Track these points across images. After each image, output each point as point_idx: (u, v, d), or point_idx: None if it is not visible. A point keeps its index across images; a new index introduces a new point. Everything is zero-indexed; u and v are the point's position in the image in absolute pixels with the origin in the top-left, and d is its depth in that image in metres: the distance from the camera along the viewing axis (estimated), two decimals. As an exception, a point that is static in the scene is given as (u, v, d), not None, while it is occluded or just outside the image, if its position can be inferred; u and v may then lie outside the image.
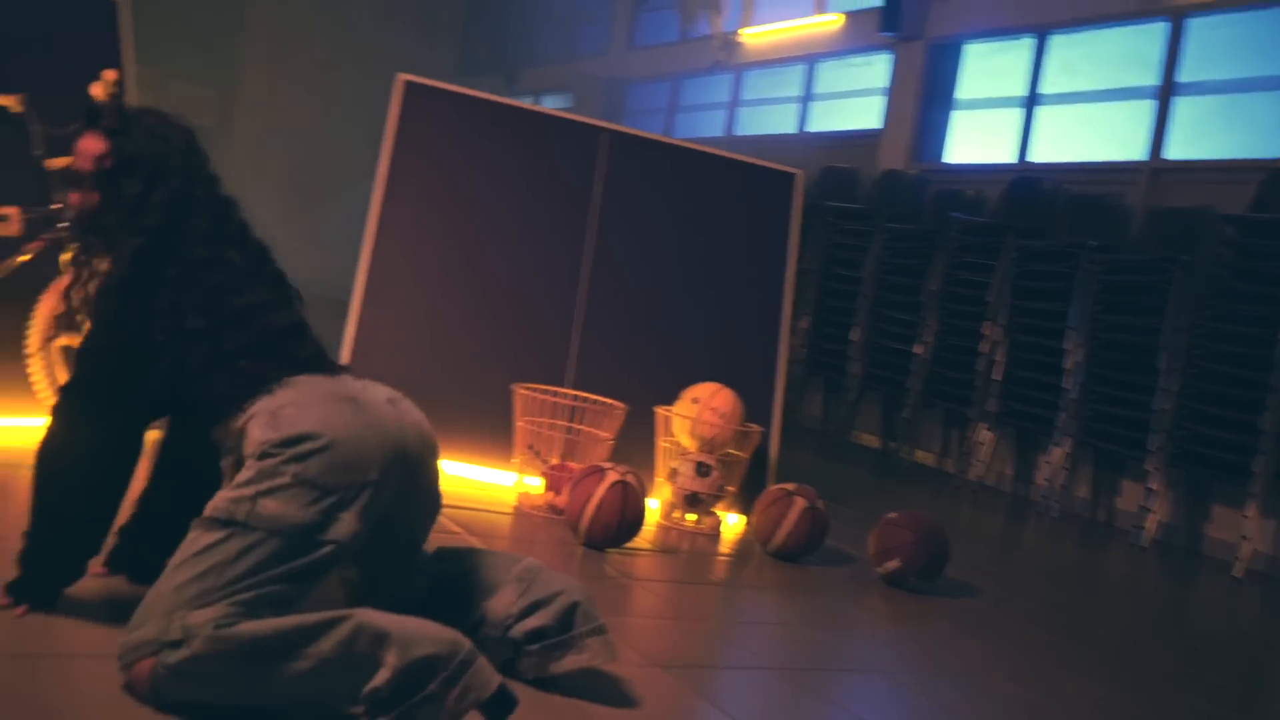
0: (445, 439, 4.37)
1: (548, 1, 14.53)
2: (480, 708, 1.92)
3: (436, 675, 1.88)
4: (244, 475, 2.05)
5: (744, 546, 4.31)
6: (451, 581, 2.40)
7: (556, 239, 4.89)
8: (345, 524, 2.05)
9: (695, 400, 4.41)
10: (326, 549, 2.03)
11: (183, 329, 2.18)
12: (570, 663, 2.31)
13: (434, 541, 2.52)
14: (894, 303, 8.23)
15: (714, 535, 4.36)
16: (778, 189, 5.19)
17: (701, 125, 11.79)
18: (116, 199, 2.27)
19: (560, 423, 4.26)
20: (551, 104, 14.31)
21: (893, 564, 4.01)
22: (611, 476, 3.75)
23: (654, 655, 2.80)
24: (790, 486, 4.20)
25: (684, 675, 2.70)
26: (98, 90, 3.82)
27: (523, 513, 4.12)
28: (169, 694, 1.93)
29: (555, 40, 14.36)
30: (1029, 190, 7.91)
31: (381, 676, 1.89)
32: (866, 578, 4.09)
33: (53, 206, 3.76)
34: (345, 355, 4.57)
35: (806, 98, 10.54)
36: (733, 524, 4.57)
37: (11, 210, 3.64)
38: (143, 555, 2.32)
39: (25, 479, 2.25)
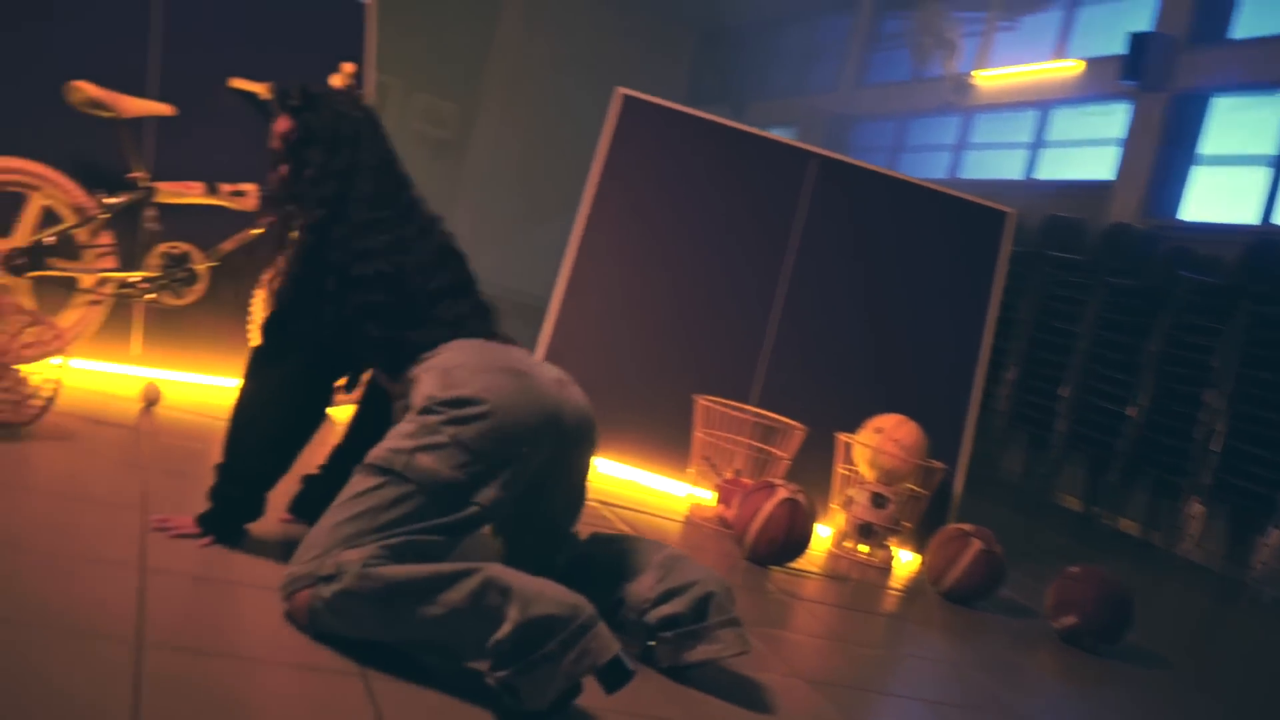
0: (625, 443, 4.50)
1: (780, 37, 14.64)
2: (596, 673, 1.95)
3: (555, 635, 1.92)
4: (406, 428, 2.16)
5: (914, 584, 4.20)
6: (596, 562, 2.45)
7: (755, 258, 4.91)
8: (492, 490, 2.14)
9: (878, 430, 4.34)
10: (472, 509, 2.13)
11: (343, 286, 2.35)
12: (702, 653, 2.31)
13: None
14: (1109, 361, 7.86)
15: (885, 569, 4.27)
16: (987, 227, 5.06)
17: (926, 166, 11.59)
18: (301, 169, 2.46)
19: (738, 438, 4.27)
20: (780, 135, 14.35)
21: (1069, 620, 3.83)
22: (781, 493, 3.73)
23: (801, 670, 2.77)
24: (968, 527, 4.08)
25: (828, 692, 2.66)
26: (337, 81, 4.07)
27: (693, 523, 4.14)
28: (321, 625, 2.05)
29: (785, 75, 14.44)
30: (1271, 253, 7.44)
31: (504, 630, 1.94)
32: (1041, 632, 3.92)
33: (285, 187, 4.03)
34: (540, 352, 4.73)
35: (1037, 144, 10.24)
36: (906, 561, 4.46)
37: (250, 187, 3.92)
38: (322, 503, 2.46)
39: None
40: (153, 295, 3.70)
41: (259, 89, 4.15)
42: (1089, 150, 9.68)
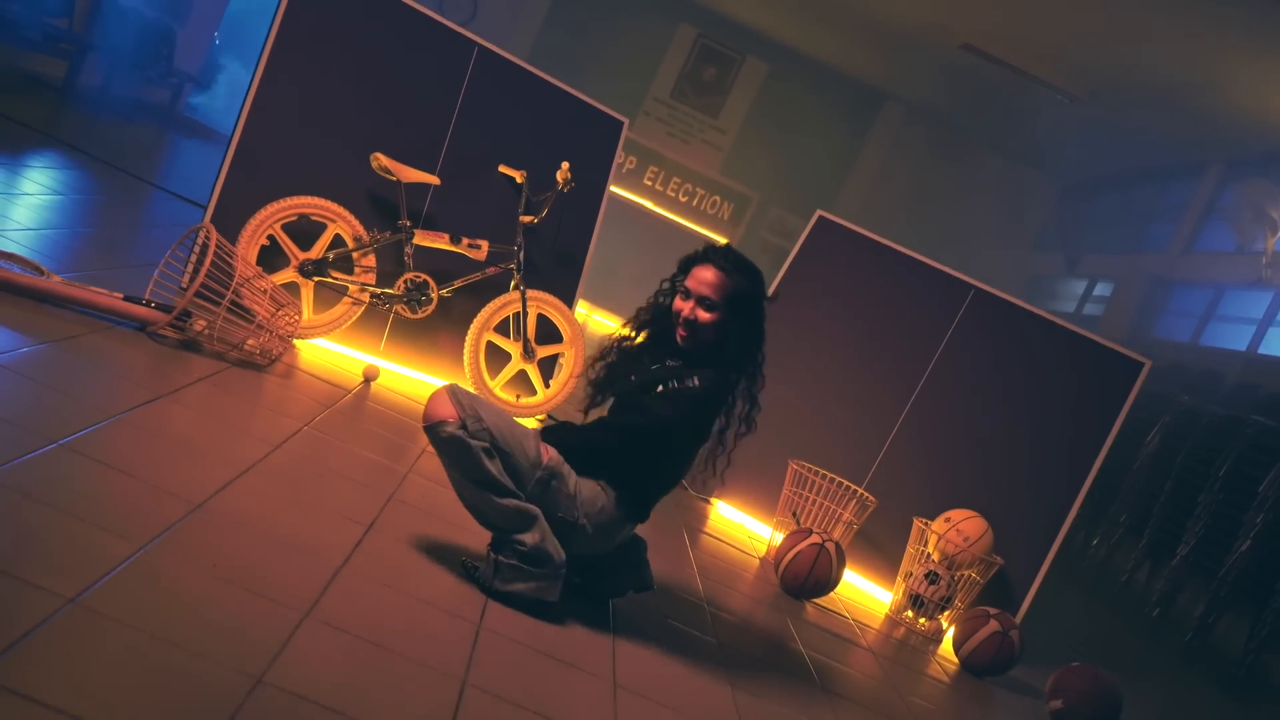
0: (747, 494, 5.42)
1: (1128, 196, 14.83)
2: (536, 602, 3.01)
3: (544, 566, 2.99)
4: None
5: (946, 653, 4.82)
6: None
7: (900, 364, 5.71)
8: None
9: (948, 519, 5.02)
10: None
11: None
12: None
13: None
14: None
15: (931, 638, 4.92)
16: (1120, 374, 5.57)
17: (1231, 336, 11.49)
18: (731, 326, 3.26)
19: (812, 496, 5.10)
20: (1100, 290, 14.50)
21: (1056, 703, 4.36)
22: (814, 539, 4.56)
23: (738, 671, 3.63)
24: (993, 611, 4.68)
25: (783, 691, 3.52)
26: (559, 175, 5.38)
27: (765, 561, 5.01)
28: (442, 449, 3.02)
29: (1121, 232, 14.60)
30: None
31: (528, 536, 2.99)
32: (1039, 712, 4.45)
33: (514, 247, 5.37)
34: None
35: (1339, 329, 10.01)
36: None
37: (483, 242, 5.28)
38: None
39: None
40: (395, 307, 5.13)
41: (517, 175, 5.52)
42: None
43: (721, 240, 4.43)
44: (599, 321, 12.07)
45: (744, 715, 3.07)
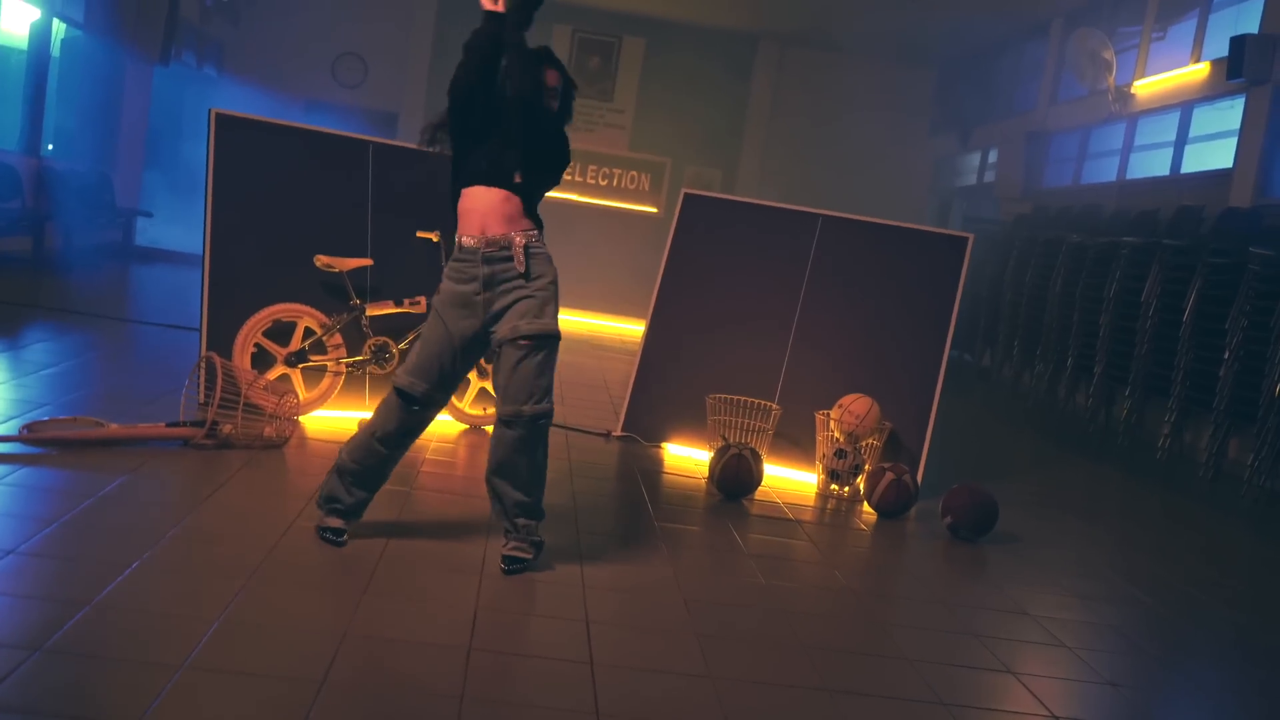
0: (686, 428, 6.66)
1: (996, 67, 16.04)
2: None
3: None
4: (550, 305, 4.08)
5: (868, 511, 6.09)
6: None
7: (781, 291, 6.95)
8: None
9: (840, 405, 6.27)
10: None
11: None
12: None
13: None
14: (1207, 330, 8.99)
15: (853, 500, 6.19)
16: (951, 251, 6.82)
17: (1102, 171, 12.74)
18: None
19: (730, 418, 6.35)
20: (993, 158, 15.74)
21: (948, 519, 5.63)
22: (732, 451, 5.82)
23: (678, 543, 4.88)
24: (888, 465, 5.94)
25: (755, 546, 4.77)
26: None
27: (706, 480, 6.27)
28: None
29: (998, 101, 15.82)
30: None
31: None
32: (940, 529, 5.72)
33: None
34: (637, 360, 7.02)
35: (1181, 141, 11.26)
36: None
37: (421, 298, 6.50)
38: None
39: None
40: (368, 369, 6.36)
41: (432, 236, 6.73)
42: (1222, 143, 10.64)
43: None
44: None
45: (682, 584, 4.32)
